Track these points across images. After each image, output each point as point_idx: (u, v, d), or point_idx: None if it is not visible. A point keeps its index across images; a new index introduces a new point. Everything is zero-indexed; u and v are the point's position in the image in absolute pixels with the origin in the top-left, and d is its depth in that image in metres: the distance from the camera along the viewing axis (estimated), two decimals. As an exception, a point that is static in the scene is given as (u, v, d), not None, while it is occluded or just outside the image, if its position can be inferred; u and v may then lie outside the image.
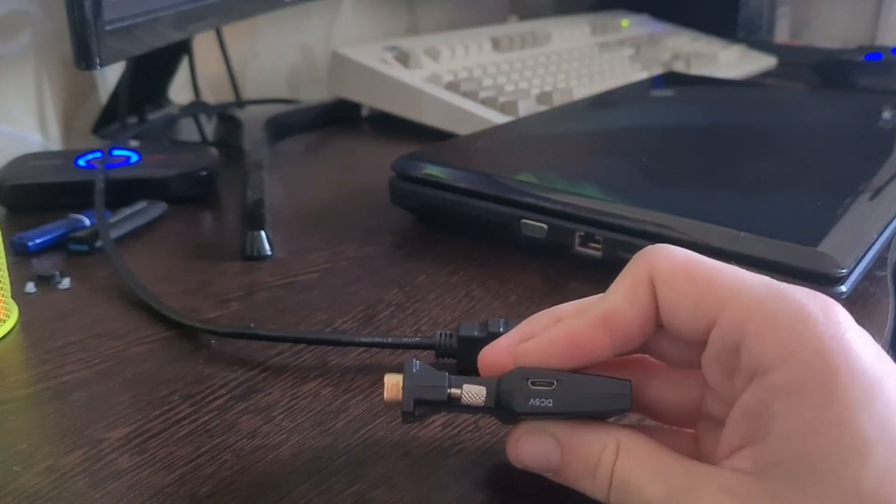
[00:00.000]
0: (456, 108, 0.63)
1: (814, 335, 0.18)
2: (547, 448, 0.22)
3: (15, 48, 0.59)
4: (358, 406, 0.30)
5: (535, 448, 0.23)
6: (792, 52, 0.92)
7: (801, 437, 0.18)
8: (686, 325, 0.21)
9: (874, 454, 0.17)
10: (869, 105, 0.58)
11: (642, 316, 0.21)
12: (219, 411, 0.30)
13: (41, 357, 0.33)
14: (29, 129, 0.61)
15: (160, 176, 0.50)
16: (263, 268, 0.42)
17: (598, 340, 0.22)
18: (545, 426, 0.22)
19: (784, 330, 0.18)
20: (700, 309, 0.20)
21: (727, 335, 0.20)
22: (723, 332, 0.20)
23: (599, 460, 0.21)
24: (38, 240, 0.43)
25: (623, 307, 0.21)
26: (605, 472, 0.21)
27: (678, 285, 0.21)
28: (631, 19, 0.94)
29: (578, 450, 0.22)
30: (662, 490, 0.20)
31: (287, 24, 0.80)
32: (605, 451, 0.21)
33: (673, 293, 0.21)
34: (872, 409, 0.17)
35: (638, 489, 0.20)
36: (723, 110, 0.59)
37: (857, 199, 0.40)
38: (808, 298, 0.19)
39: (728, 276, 0.20)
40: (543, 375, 0.22)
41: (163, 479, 0.26)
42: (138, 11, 0.47)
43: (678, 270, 0.21)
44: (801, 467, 0.17)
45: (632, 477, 0.21)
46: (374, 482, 0.26)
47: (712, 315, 0.20)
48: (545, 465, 0.23)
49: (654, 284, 0.21)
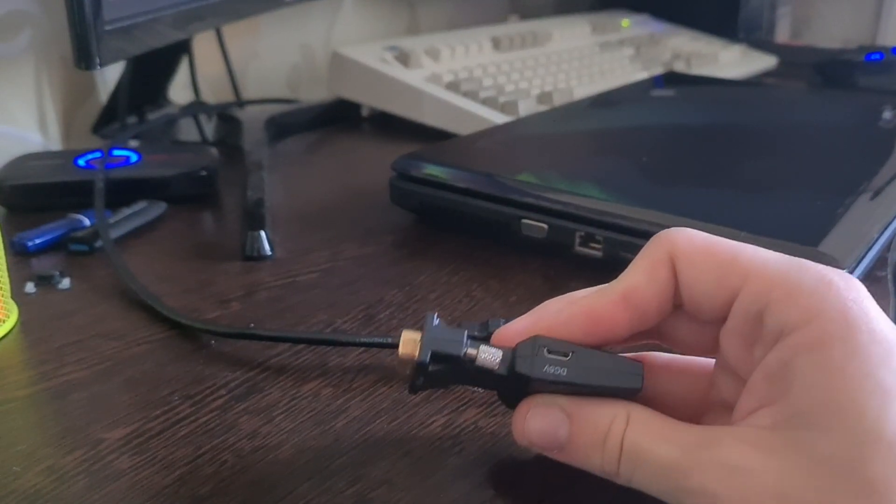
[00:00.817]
0: (456, 107, 0.63)
1: (837, 299, 0.19)
2: (555, 420, 0.22)
3: (15, 48, 0.59)
4: (358, 406, 0.30)
5: (543, 421, 0.22)
6: (792, 51, 0.92)
7: (823, 387, 0.18)
8: (707, 299, 0.21)
9: (894, 402, 0.18)
10: (869, 105, 0.58)
11: (661, 293, 0.22)
12: (219, 411, 0.30)
13: (41, 357, 0.33)
14: (29, 128, 0.61)
15: (160, 176, 0.50)
16: (263, 268, 0.42)
17: (617, 317, 0.22)
18: (554, 399, 0.22)
19: (808, 294, 0.19)
20: (723, 282, 0.21)
21: (751, 304, 0.20)
22: (746, 301, 0.20)
23: (609, 430, 0.21)
24: (38, 240, 0.43)
25: (643, 284, 0.22)
26: (614, 442, 0.21)
27: (700, 262, 0.21)
28: (631, 19, 0.94)
29: (587, 420, 0.22)
30: (675, 450, 0.20)
31: (287, 23, 0.80)
32: (616, 421, 0.21)
33: (695, 270, 0.21)
34: (890, 364, 0.18)
35: (649, 454, 0.20)
36: (723, 110, 0.59)
37: (858, 199, 0.40)
38: (828, 269, 0.20)
39: (750, 251, 0.21)
40: (559, 346, 0.22)
41: (163, 479, 0.26)
42: (138, 11, 0.47)
43: (699, 248, 0.21)
44: (822, 414, 0.18)
45: (643, 442, 0.21)
46: (375, 482, 0.26)
47: (735, 287, 0.20)
48: (552, 439, 0.22)
49: (674, 263, 0.22)
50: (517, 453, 0.27)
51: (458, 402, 0.30)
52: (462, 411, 0.29)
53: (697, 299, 0.22)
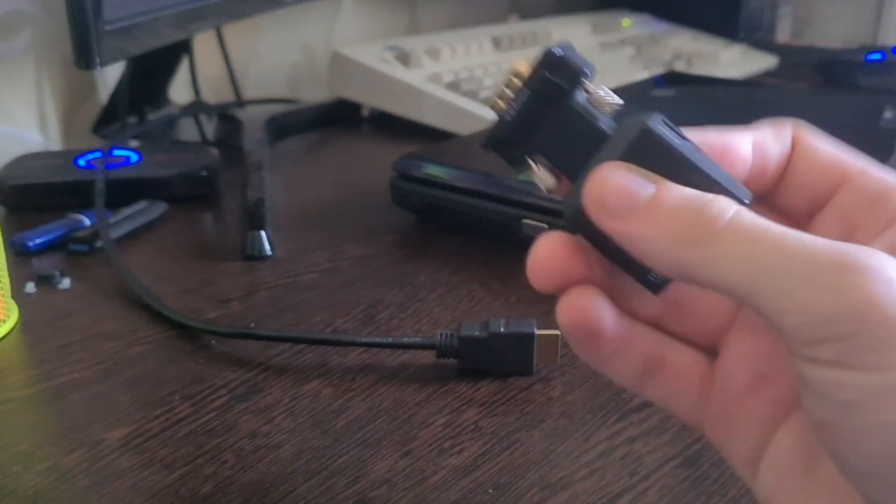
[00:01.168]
0: (457, 107, 0.63)
1: None
2: (641, 181, 0.18)
3: (15, 48, 0.59)
4: (358, 406, 0.30)
5: (626, 175, 0.18)
6: (793, 51, 0.92)
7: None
8: (819, 177, 0.20)
9: None
10: (870, 105, 0.58)
11: (782, 154, 0.21)
12: (219, 411, 0.30)
13: (41, 357, 0.33)
14: (29, 128, 0.61)
15: (160, 176, 0.50)
16: (264, 268, 0.42)
17: (744, 158, 0.20)
18: (641, 171, 0.18)
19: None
20: (839, 166, 0.20)
21: (868, 188, 0.19)
22: (863, 185, 0.20)
23: (713, 200, 0.17)
24: (39, 240, 0.43)
25: (770, 139, 0.20)
26: (722, 207, 0.17)
27: (822, 146, 0.21)
28: (632, 19, 0.94)
29: (682, 190, 0.18)
30: (820, 244, 0.16)
31: (287, 23, 0.80)
32: (722, 199, 0.17)
33: (815, 149, 0.21)
34: None
35: (772, 232, 0.16)
36: (724, 110, 0.59)
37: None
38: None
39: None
40: (678, 129, 0.19)
41: (163, 479, 0.26)
42: (138, 11, 0.47)
43: (823, 139, 0.21)
44: None
45: (766, 224, 0.17)
46: (375, 482, 0.26)
47: (850, 174, 0.20)
48: (629, 197, 0.18)
49: (795, 139, 0.21)
50: (518, 454, 0.27)
51: (459, 401, 0.30)
52: (462, 411, 0.29)
53: (806, 176, 0.20)
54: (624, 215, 0.18)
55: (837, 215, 0.20)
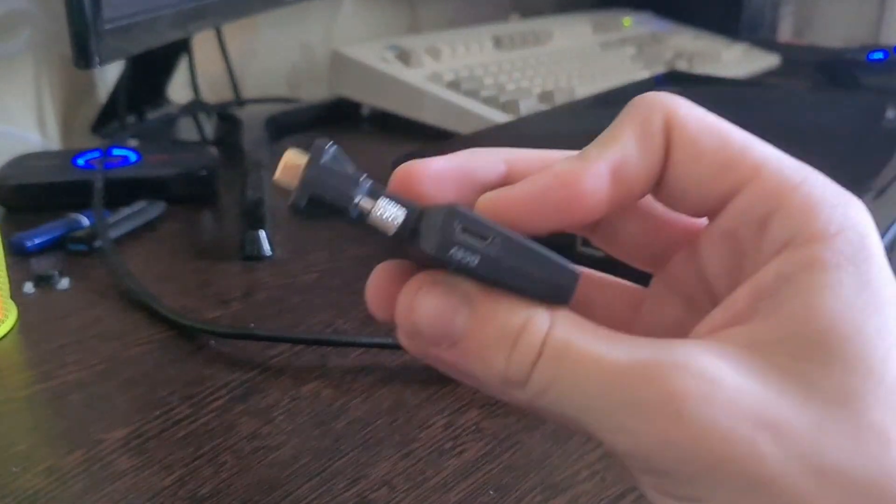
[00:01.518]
0: (457, 107, 0.63)
1: (858, 220, 0.16)
2: (453, 304, 0.17)
3: (14, 47, 0.58)
4: (358, 407, 0.30)
5: (437, 302, 0.17)
6: (795, 50, 0.92)
7: (827, 312, 0.15)
8: (701, 188, 0.17)
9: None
10: (872, 104, 0.58)
11: (652, 170, 0.17)
12: (218, 412, 0.29)
13: (40, 358, 0.33)
14: (28, 128, 0.60)
15: (159, 175, 0.50)
16: (263, 268, 0.41)
17: (601, 194, 0.17)
18: (458, 281, 0.17)
19: (832, 207, 0.16)
20: (728, 170, 0.17)
21: (758, 203, 0.17)
22: (754, 199, 0.17)
23: (526, 325, 0.16)
24: (37, 240, 0.43)
25: (634, 156, 0.17)
26: (532, 339, 0.16)
27: (706, 140, 0.17)
28: (633, 17, 0.94)
29: (497, 312, 0.17)
30: (625, 352, 0.15)
31: (287, 22, 0.79)
32: (536, 317, 0.16)
33: (697, 149, 0.17)
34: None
35: (586, 353, 0.16)
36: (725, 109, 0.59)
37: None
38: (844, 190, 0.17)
39: (763, 144, 0.17)
40: (481, 226, 0.17)
41: (162, 480, 0.26)
42: (137, 10, 0.47)
43: (706, 124, 0.17)
44: (821, 343, 0.15)
45: (578, 342, 0.16)
46: (375, 484, 0.26)
47: (741, 180, 0.17)
48: (445, 325, 0.17)
49: (668, 135, 0.17)
50: (519, 455, 0.27)
51: (460, 402, 0.30)
52: (463, 412, 0.29)
53: (687, 186, 0.17)
54: (442, 346, 0.17)
55: (725, 235, 0.17)
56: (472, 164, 0.19)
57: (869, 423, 0.15)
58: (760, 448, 0.15)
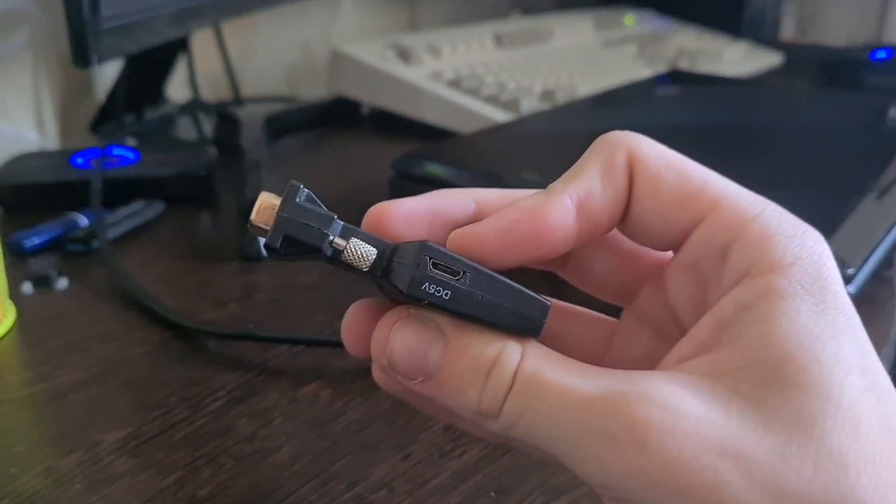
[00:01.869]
0: (457, 105, 0.63)
1: (815, 250, 0.17)
2: (427, 338, 0.17)
3: (12, 46, 0.58)
4: (357, 408, 0.29)
5: (411, 336, 0.18)
6: (797, 49, 0.92)
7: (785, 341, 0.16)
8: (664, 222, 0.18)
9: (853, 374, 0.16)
10: (875, 103, 0.58)
11: (616, 205, 0.18)
12: (216, 414, 0.29)
13: (38, 358, 0.33)
14: (26, 127, 0.60)
15: (158, 175, 0.50)
16: (262, 268, 0.41)
17: (566, 229, 0.18)
18: (431, 315, 0.18)
19: (788, 237, 0.17)
20: (688, 204, 0.18)
21: (718, 235, 0.17)
22: (714, 231, 0.17)
23: (498, 358, 0.17)
24: (35, 240, 0.43)
25: (598, 191, 0.18)
26: (503, 372, 0.17)
27: (666, 176, 0.18)
28: (635, 16, 0.93)
29: (469, 344, 0.17)
30: (592, 384, 0.16)
31: (286, 21, 0.79)
32: (507, 350, 0.17)
33: (658, 184, 0.18)
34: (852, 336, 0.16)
35: (555, 386, 0.16)
36: (727, 109, 0.58)
37: (864, 199, 0.39)
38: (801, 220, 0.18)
39: (721, 178, 0.18)
40: (452, 262, 0.17)
41: (160, 481, 0.26)
42: (136, 9, 0.47)
43: (665, 160, 0.18)
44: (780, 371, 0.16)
45: (547, 374, 0.16)
46: (375, 486, 0.25)
47: (701, 213, 0.18)
48: (419, 360, 0.17)
49: (632, 170, 0.18)
50: (520, 457, 0.27)
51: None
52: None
53: (650, 220, 0.18)
54: (417, 380, 0.18)
55: (688, 267, 0.18)
56: (443, 203, 0.20)
57: (828, 449, 0.15)
58: (724, 476, 0.15)
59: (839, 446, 0.15)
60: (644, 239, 0.19)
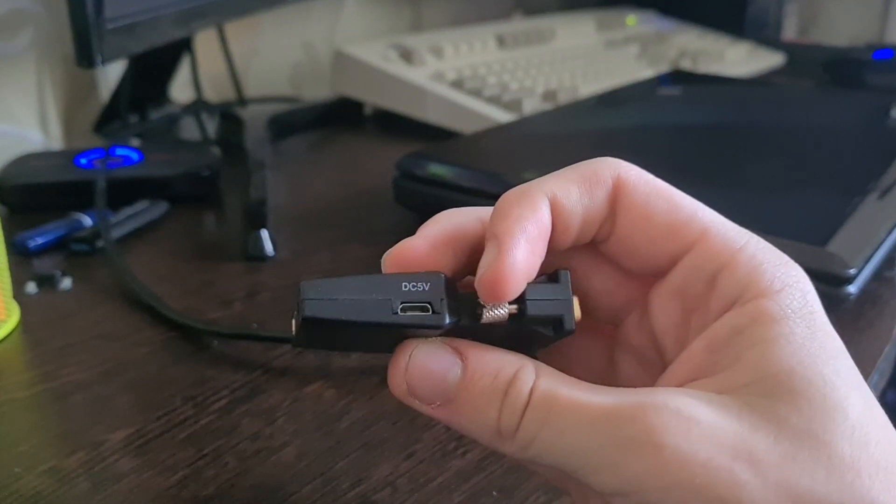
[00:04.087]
0: (460, 106, 0.63)
1: (799, 278, 0.18)
2: (446, 361, 0.18)
3: (16, 47, 0.58)
4: (361, 408, 0.29)
5: (430, 360, 0.18)
6: (800, 49, 0.92)
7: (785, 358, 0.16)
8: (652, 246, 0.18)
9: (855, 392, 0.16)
10: (877, 103, 0.58)
11: (588, 218, 0.18)
12: (221, 413, 0.29)
13: (42, 358, 0.33)
14: (30, 127, 0.60)
15: (162, 175, 0.50)
16: (266, 268, 0.41)
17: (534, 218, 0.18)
18: (447, 340, 0.18)
19: (774, 265, 0.18)
20: (677, 232, 0.18)
21: (706, 262, 0.18)
22: (701, 258, 0.18)
23: (516, 377, 0.17)
24: (40, 240, 0.43)
25: (573, 196, 0.18)
26: (520, 390, 0.17)
27: (656, 203, 0.18)
28: (637, 16, 0.93)
29: (487, 364, 0.18)
30: (610, 399, 0.17)
31: (289, 21, 0.79)
32: (523, 370, 0.18)
33: (647, 209, 0.18)
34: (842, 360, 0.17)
35: (571, 401, 0.17)
36: (730, 109, 0.58)
37: (866, 199, 0.39)
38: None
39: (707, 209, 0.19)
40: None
41: (164, 481, 0.26)
42: (140, 9, 0.47)
43: (655, 188, 0.19)
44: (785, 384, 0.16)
45: (562, 390, 0.17)
46: (378, 485, 0.25)
47: (690, 240, 0.18)
48: (439, 384, 0.18)
49: (617, 193, 0.19)
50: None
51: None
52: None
53: (638, 243, 0.19)
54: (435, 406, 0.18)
55: (675, 292, 0.19)
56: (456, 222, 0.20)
57: (840, 455, 0.16)
58: (739, 476, 0.16)
59: (850, 453, 0.16)
60: (630, 261, 0.19)
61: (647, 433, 0.16)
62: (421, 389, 0.18)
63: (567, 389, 0.17)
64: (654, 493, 0.16)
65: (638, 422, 0.16)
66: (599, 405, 0.17)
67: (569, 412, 0.17)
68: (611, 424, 0.16)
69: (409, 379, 0.18)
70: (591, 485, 0.17)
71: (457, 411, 0.18)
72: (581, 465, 0.17)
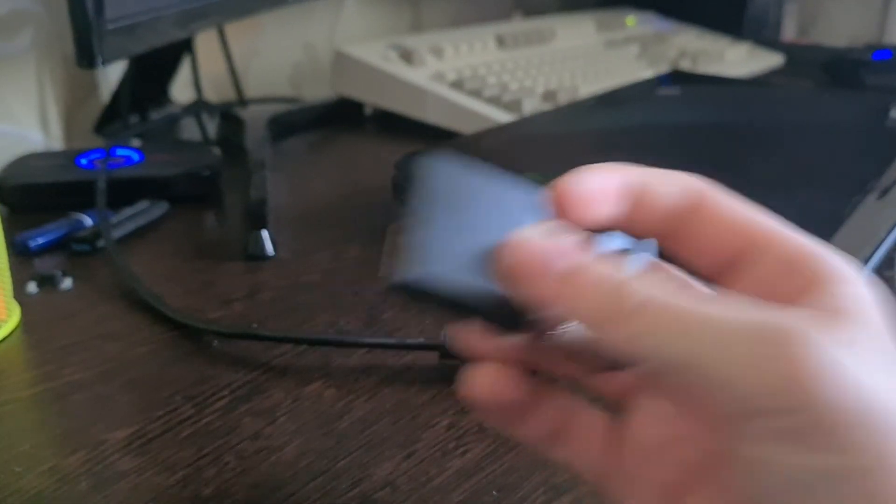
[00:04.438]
0: (460, 106, 0.63)
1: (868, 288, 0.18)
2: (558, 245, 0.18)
3: (17, 47, 0.58)
4: (362, 407, 0.30)
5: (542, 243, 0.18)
6: (799, 50, 0.92)
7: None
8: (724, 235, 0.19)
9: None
10: (877, 104, 0.58)
11: (673, 205, 0.20)
12: (221, 412, 0.29)
13: (43, 358, 0.33)
14: (31, 128, 0.61)
15: (162, 175, 0.50)
16: (266, 268, 0.41)
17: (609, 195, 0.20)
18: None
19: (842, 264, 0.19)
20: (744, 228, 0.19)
21: (785, 249, 0.19)
22: (780, 245, 0.19)
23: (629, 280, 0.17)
24: (40, 239, 0.43)
25: (655, 185, 0.20)
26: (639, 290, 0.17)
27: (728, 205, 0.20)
28: (636, 16, 0.93)
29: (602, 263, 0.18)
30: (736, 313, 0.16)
31: (290, 22, 0.79)
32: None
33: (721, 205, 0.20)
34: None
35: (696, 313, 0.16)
36: (729, 109, 0.58)
37: (865, 199, 0.39)
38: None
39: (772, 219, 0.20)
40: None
41: (165, 480, 0.26)
42: (140, 10, 0.47)
43: (734, 201, 0.20)
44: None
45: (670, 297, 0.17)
46: (378, 484, 0.26)
47: (759, 235, 0.19)
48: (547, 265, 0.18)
49: (701, 203, 0.20)
50: (522, 455, 0.27)
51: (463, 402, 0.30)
52: (467, 412, 0.29)
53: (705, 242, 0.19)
54: (549, 275, 0.18)
55: (753, 281, 0.19)
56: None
57: None
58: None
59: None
60: (701, 257, 0.20)
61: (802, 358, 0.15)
62: (538, 253, 0.18)
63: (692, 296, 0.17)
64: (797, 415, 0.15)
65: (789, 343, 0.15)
66: (737, 312, 0.16)
67: (695, 312, 0.16)
68: (754, 335, 0.15)
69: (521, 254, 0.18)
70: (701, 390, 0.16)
71: (562, 294, 0.17)
72: (704, 366, 0.16)
